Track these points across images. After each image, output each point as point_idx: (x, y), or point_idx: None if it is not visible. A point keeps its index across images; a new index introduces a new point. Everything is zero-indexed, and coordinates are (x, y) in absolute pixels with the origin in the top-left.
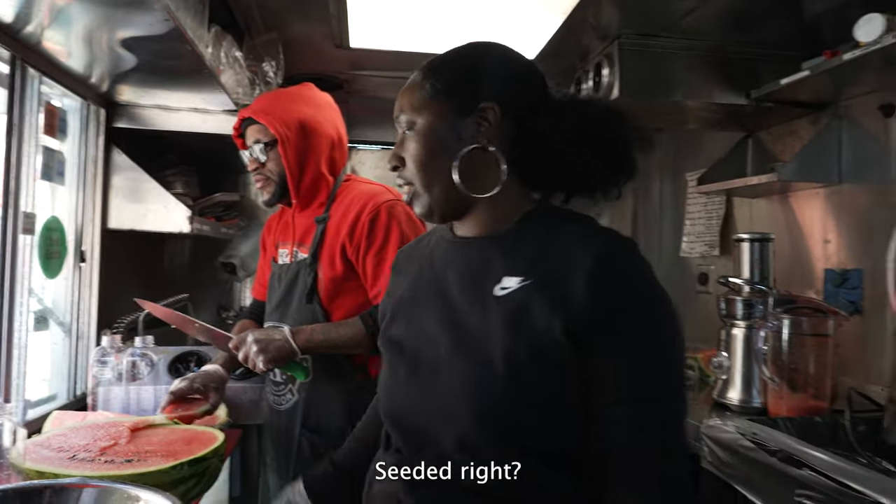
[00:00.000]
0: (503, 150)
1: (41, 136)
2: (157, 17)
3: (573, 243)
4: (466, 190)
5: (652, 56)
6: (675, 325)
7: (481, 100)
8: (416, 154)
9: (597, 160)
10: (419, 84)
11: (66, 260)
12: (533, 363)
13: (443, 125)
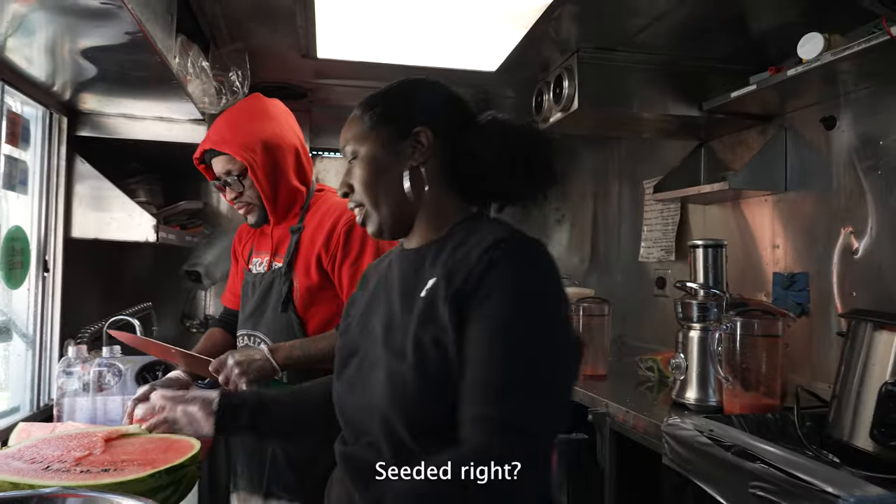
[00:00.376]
0: (439, 169)
1: (3, 144)
2: (125, 27)
3: (474, 244)
4: (403, 205)
5: (609, 69)
6: (546, 323)
7: (415, 125)
8: (362, 179)
9: (517, 174)
10: (359, 118)
11: (29, 270)
12: (436, 352)
13: (383, 151)
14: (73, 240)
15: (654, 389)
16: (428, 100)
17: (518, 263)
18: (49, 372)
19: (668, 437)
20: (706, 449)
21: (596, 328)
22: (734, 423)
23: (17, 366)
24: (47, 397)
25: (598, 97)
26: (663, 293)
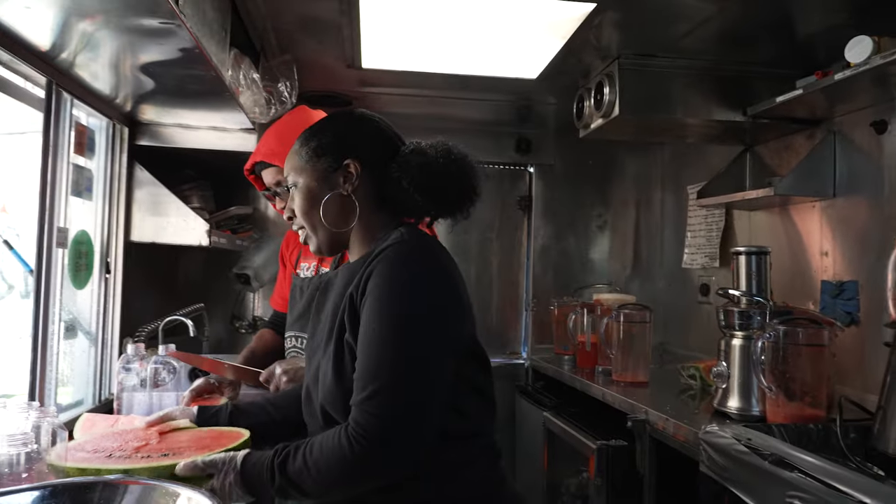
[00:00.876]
0: (367, 194)
1: (72, 154)
2: (183, 43)
3: (374, 253)
4: (336, 227)
5: (651, 75)
6: (419, 323)
7: (345, 157)
8: (301, 206)
9: (436, 196)
10: (297, 151)
11: (93, 272)
12: (346, 352)
13: (317, 182)
14: (132, 243)
15: (696, 398)
16: (357, 134)
17: (389, 268)
18: (110, 368)
19: (706, 445)
20: (743, 457)
21: (637, 335)
22: (774, 432)
23: (81, 361)
24: (108, 391)
25: (639, 103)
26: (707, 300)
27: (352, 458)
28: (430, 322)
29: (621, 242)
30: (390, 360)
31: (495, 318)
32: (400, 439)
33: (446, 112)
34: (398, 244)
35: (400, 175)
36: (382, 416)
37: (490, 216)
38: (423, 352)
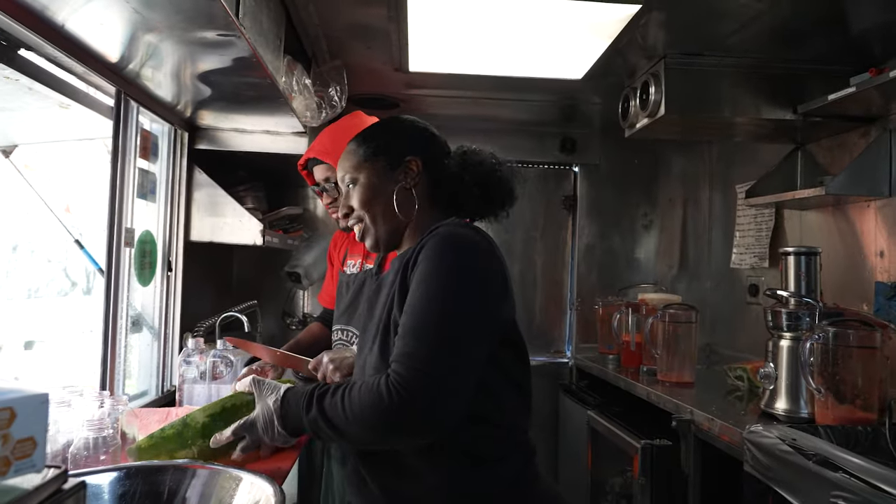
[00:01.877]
0: (424, 190)
1: (138, 158)
2: (240, 52)
3: (428, 234)
4: (405, 217)
5: (697, 74)
6: (465, 293)
7: (405, 155)
8: (362, 200)
9: (491, 190)
10: (355, 150)
11: (156, 270)
12: (394, 331)
13: (378, 178)
14: (191, 242)
15: (743, 399)
16: (414, 135)
17: (438, 242)
18: (171, 361)
19: (750, 445)
20: (788, 457)
21: (682, 335)
22: (820, 433)
23: (145, 355)
24: (170, 383)
25: (686, 103)
26: (756, 301)
27: (387, 406)
28: (475, 294)
29: (668, 242)
30: (436, 323)
31: (539, 318)
32: (437, 398)
33: (491, 113)
34: (449, 226)
35: (461, 172)
36: (425, 372)
37: (534, 216)
38: (467, 321)
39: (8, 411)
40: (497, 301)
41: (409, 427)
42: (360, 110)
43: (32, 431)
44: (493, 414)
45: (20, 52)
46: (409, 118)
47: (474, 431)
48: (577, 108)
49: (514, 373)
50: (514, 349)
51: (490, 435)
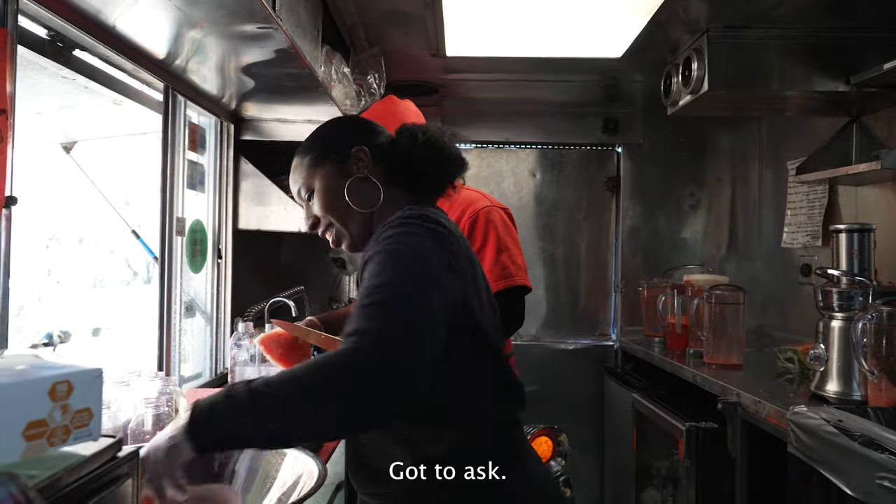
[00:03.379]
0: (383, 176)
1: (186, 150)
2: (280, 44)
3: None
4: (366, 208)
5: (742, 47)
6: (406, 260)
7: (349, 148)
8: (325, 205)
9: (443, 166)
10: (299, 164)
11: (207, 257)
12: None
13: (332, 178)
14: (239, 230)
15: (794, 381)
16: (351, 127)
17: (399, 227)
18: (223, 344)
19: (794, 426)
20: (832, 438)
21: (729, 316)
22: (869, 415)
23: (199, 338)
24: (222, 366)
25: (730, 77)
26: (809, 281)
27: (344, 361)
28: (427, 263)
29: (716, 222)
30: (394, 287)
31: (584, 301)
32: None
33: (531, 95)
34: (401, 213)
35: (411, 149)
36: (382, 329)
37: (577, 197)
38: (423, 284)
39: (66, 384)
40: (446, 279)
41: (368, 385)
42: (393, 95)
43: (89, 403)
44: (445, 407)
45: (75, 52)
46: (340, 117)
47: (431, 425)
48: (618, 87)
49: (470, 361)
50: (477, 337)
51: (448, 425)
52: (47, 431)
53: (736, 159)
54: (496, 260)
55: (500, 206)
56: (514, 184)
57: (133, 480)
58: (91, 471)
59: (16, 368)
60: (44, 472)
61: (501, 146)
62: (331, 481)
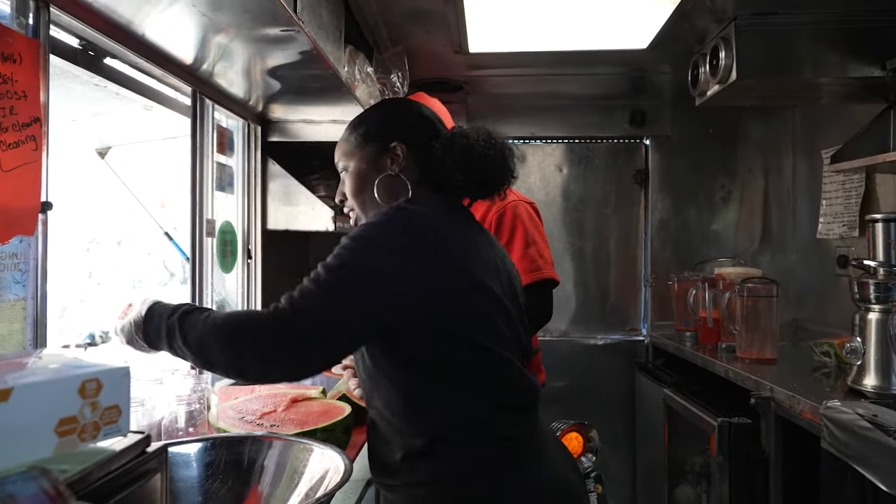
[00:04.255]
0: (415, 175)
1: (215, 153)
2: (303, 47)
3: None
4: (388, 203)
5: (772, 34)
6: (356, 254)
7: (391, 141)
8: (351, 189)
9: (477, 173)
10: (346, 138)
11: (237, 257)
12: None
13: (366, 164)
14: (268, 231)
15: (830, 376)
16: (400, 119)
17: (370, 224)
18: None
19: (827, 421)
20: (867, 433)
21: (762, 310)
22: None
23: None
24: None
25: (760, 66)
26: (846, 272)
27: (260, 319)
28: (372, 262)
29: (748, 213)
30: (324, 279)
31: (614, 296)
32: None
33: (556, 89)
34: (387, 209)
35: (443, 155)
36: (301, 306)
37: (605, 192)
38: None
39: (95, 382)
40: (405, 274)
41: (272, 343)
42: (422, 92)
43: (117, 400)
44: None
45: (106, 60)
46: (402, 100)
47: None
48: (645, 78)
49: (455, 363)
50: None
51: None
52: (78, 427)
53: (768, 149)
54: (524, 254)
55: (526, 200)
56: (540, 179)
57: (161, 475)
58: (120, 466)
59: (49, 367)
60: (75, 467)
61: (527, 141)
62: (360, 477)
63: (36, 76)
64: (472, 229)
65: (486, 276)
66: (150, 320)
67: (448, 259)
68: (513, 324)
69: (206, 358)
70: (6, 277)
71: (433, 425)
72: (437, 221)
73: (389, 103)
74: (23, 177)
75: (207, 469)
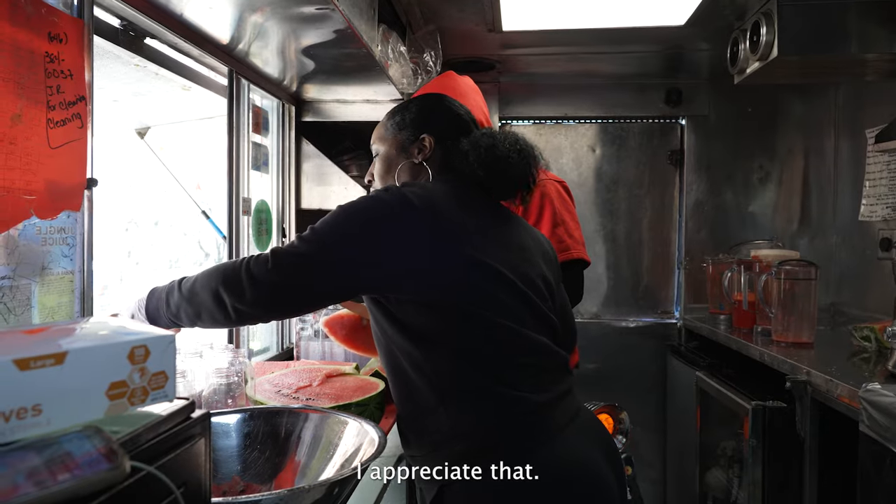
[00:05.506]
0: (438, 167)
1: (251, 133)
2: (337, 25)
3: None
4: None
5: (816, 8)
6: (340, 219)
7: (421, 132)
8: (379, 171)
9: (496, 173)
10: (384, 123)
11: (272, 236)
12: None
13: (395, 150)
14: (302, 210)
15: (869, 361)
16: (435, 113)
17: (357, 201)
18: (289, 320)
19: (866, 404)
20: None
21: (799, 293)
22: None
23: None
24: (288, 341)
25: (802, 41)
26: (889, 256)
27: (231, 266)
28: (360, 218)
29: (787, 195)
30: (306, 235)
31: (647, 278)
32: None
33: (590, 68)
34: (379, 189)
35: (469, 150)
36: (276, 260)
37: (638, 173)
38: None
39: (143, 348)
40: (376, 243)
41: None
42: (452, 71)
43: (164, 367)
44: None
45: (146, 41)
46: (439, 96)
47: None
48: (681, 56)
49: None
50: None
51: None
52: (127, 392)
53: (809, 129)
54: (552, 233)
55: (556, 179)
56: (573, 159)
57: (205, 441)
58: (167, 429)
59: (99, 334)
60: (125, 429)
61: (560, 121)
62: (392, 452)
63: (81, 55)
64: (489, 214)
65: (491, 256)
66: (151, 294)
67: (439, 235)
68: (527, 300)
69: (195, 301)
70: (55, 251)
71: (433, 389)
72: (437, 202)
73: (429, 98)
74: (69, 154)
75: (246, 439)
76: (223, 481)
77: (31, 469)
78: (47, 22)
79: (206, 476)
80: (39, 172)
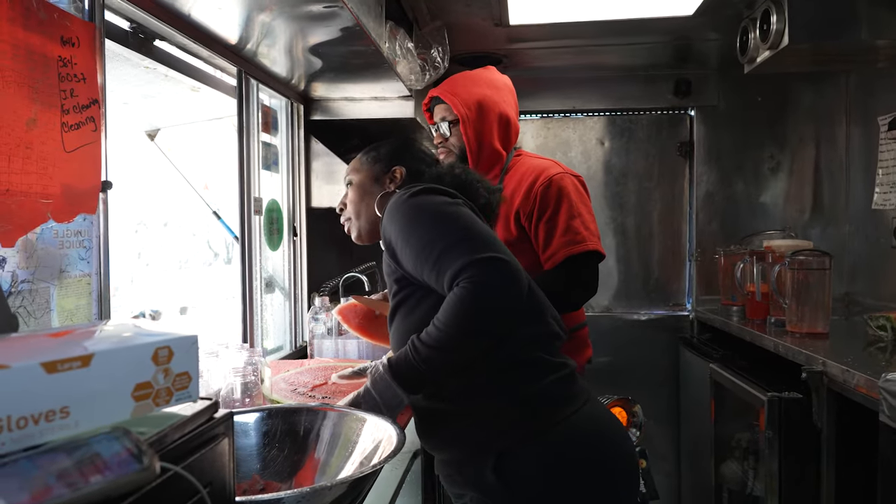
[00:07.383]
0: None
1: (260, 132)
2: (345, 23)
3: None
4: (382, 214)
5: None
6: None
7: (393, 165)
8: (352, 199)
9: (467, 195)
10: (358, 158)
11: (283, 235)
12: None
13: (369, 180)
14: (313, 208)
15: (885, 350)
16: (404, 150)
17: (399, 202)
18: (301, 318)
19: (886, 393)
20: None
21: (813, 283)
22: None
23: (278, 313)
24: (301, 339)
25: (814, 29)
26: None
27: (465, 298)
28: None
29: (798, 185)
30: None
31: (658, 271)
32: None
33: (597, 60)
34: (403, 191)
35: (442, 174)
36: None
37: (647, 165)
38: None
39: (167, 349)
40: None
41: (488, 305)
42: (493, 66)
43: (187, 367)
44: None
45: (155, 43)
46: (409, 139)
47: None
48: (690, 46)
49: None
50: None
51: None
52: (152, 393)
53: (820, 117)
54: (568, 226)
55: (572, 173)
56: (581, 153)
57: (229, 440)
58: (192, 429)
59: (122, 335)
60: (151, 430)
61: (568, 115)
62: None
63: (93, 58)
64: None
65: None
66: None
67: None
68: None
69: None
70: (72, 254)
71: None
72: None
73: (401, 138)
74: (84, 157)
75: (265, 438)
76: (243, 479)
77: (62, 470)
78: (60, 26)
79: (230, 475)
80: (55, 176)
